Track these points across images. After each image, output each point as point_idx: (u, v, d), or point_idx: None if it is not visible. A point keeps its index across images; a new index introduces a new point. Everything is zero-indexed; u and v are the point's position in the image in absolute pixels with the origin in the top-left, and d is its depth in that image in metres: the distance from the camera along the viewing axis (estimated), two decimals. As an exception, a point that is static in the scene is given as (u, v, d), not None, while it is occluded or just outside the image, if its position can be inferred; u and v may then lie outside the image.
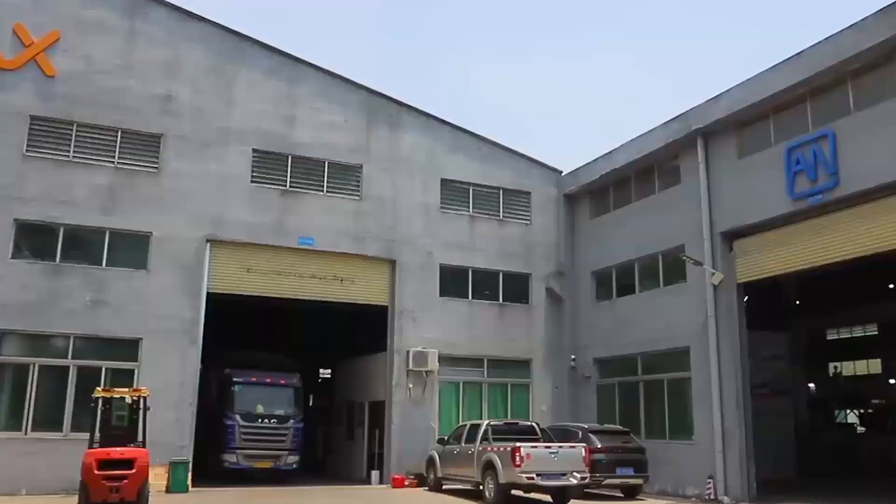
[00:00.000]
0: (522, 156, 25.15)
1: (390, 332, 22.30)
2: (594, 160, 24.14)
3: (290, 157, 21.68)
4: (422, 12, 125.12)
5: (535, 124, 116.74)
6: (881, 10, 15.56)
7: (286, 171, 21.60)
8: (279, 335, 28.95)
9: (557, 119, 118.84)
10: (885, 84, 15.88)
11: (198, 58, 21.04)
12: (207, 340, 20.03)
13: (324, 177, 22.05)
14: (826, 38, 16.79)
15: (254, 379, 22.15)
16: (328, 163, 22.14)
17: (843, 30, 16.43)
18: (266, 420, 21.67)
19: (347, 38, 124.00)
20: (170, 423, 18.41)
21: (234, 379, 21.97)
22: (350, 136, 22.51)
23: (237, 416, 21.39)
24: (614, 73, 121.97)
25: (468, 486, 18.61)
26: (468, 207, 24.06)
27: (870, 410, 39.61)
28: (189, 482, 18.58)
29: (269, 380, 22.35)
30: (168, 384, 18.59)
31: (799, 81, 17.34)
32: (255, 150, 21.23)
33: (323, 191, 21.98)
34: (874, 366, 40.47)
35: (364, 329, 24.84)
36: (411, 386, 21.92)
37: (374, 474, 22.01)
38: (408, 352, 21.90)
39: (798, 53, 17.44)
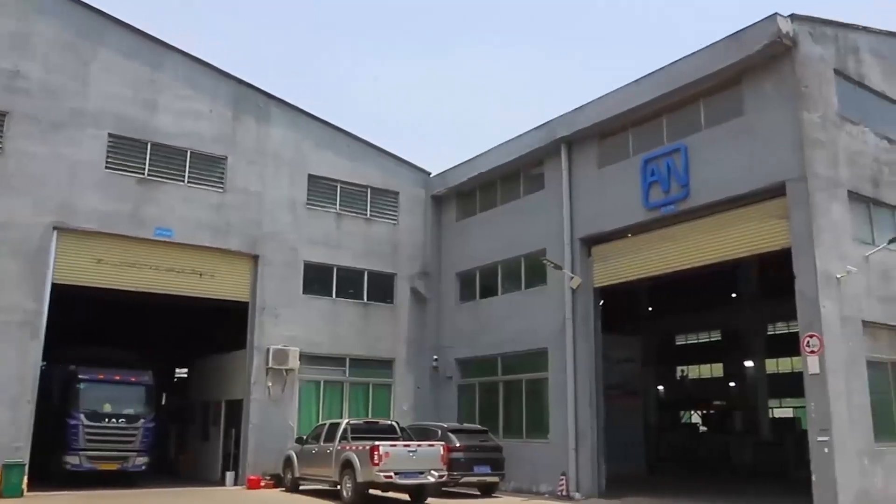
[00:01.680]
0: (392, 155, 25.13)
1: (250, 329, 21.67)
2: (462, 163, 24.45)
3: (149, 145, 20.65)
4: (301, 9, 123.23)
5: (408, 125, 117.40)
6: (731, 35, 16.58)
7: (145, 159, 20.57)
8: (133, 331, 27.63)
9: (430, 121, 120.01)
10: (732, 104, 16.94)
11: (51, 33, 19.69)
12: (52, 334, 18.78)
13: (185, 166, 21.16)
14: (682, 58, 17.72)
15: (101, 376, 20.93)
16: (191, 152, 21.26)
17: (697, 51, 17.40)
18: (114, 419, 20.55)
19: (221, 30, 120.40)
20: (4, 423, 17.21)
21: (80, 376, 20.70)
22: (215, 125, 21.73)
23: (81, 416, 20.16)
24: (491, 76, 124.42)
25: (326, 486, 18.38)
26: (335, 205, 23.77)
27: (712, 411, 42.13)
28: (24, 486, 17.30)
29: (118, 377, 21.21)
30: (4, 380, 17.34)
31: (656, 97, 18.22)
32: (111, 135, 20.07)
33: (184, 181, 21.09)
34: (717, 369, 43.09)
35: (223, 326, 24.09)
36: (270, 384, 21.40)
37: (229, 475, 21.34)
38: (268, 349, 21.37)
39: (657, 70, 18.30)
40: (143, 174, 20.46)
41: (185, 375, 29.74)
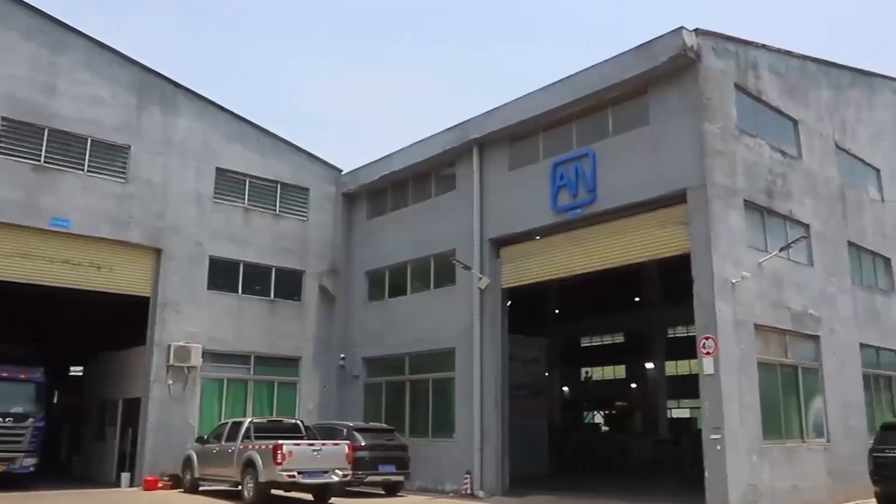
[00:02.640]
0: (303, 151, 24.78)
1: (151, 325, 20.96)
2: (374, 161, 24.32)
3: (46, 130, 19.72)
4: (218, 4, 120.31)
5: (322, 122, 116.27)
6: (639, 46, 17.01)
7: (41, 145, 19.63)
8: (25, 325, 26.29)
9: (345, 119, 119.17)
10: (638, 113, 17.41)
11: (-61, 8, 18.59)
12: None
13: (85, 154, 20.29)
14: (593, 66, 18.06)
15: (-13, 372, 19.82)
16: (91, 140, 20.41)
17: (607, 60, 17.77)
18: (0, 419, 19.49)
19: (132, 18, 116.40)
20: None
21: (-36, 373, 19.55)
22: (118, 113, 20.92)
23: (-36, 415, 19.04)
24: (406, 77, 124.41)
25: (227, 487, 17.95)
26: (243, 199, 23.27)
27: (613, 412, 43.31)
28: None
29: (5, 374, 20.04)
30: None
31: (566, 103, 18.53)
32: (4, 119, 19.08)
33: (84, 169, 20.23)
34: (619, 371, 44.33)
35: (122, 321, 23.21)
36: (171, 382, 20.76)
37: (125, 476, 20.58)
38: (169, 346, 20.72)
39: (569, 77, 18.61)
40: (40, 161, 19.52)
41: (81, 373, 28.57)
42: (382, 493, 19.40)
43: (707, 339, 15.12)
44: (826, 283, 18.83)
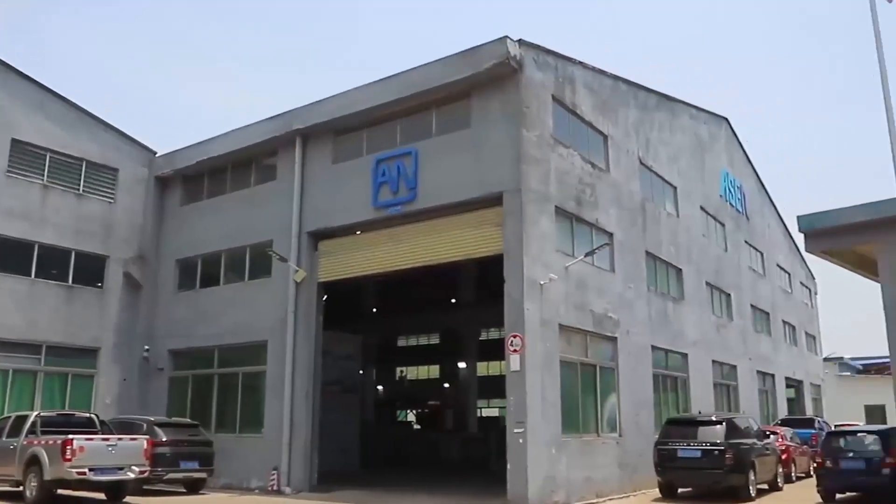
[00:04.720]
0: (114, 129, 23.27)
1: (-76, 309, 18.91)
2: (192, 145, 23.28)
3: None
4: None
5: (141, 104, 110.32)
6: (464, 51, 17.36)
7: None
8: None
9: (160, 103, 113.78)
10: (461, 116, 17.80)
11: None
12: None
13: None
14: (419, 66, 18.24)
15: None
16: None
17: (433, 61, 18.02)
18: None
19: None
20: None
21: None
22: None
23: None
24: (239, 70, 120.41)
25: (8, 487, 16.45)
26: (42, 175, 21.51)
27: (426, 410, 44.10)
28: None
29: None
30: None
31: (392, 100, 18.60)
32: None
33: None
34: (433, 371, 45.21)
35: None
36: (-55, 372, 18.82)
37: None
38: (-55, 333, 18.79)
39: (395, 75, 18.69)
40: None
41: None
42: (184, 490, 18.58)
43: (515, 336, 15.71)
44: (625, 289, 20.13)
